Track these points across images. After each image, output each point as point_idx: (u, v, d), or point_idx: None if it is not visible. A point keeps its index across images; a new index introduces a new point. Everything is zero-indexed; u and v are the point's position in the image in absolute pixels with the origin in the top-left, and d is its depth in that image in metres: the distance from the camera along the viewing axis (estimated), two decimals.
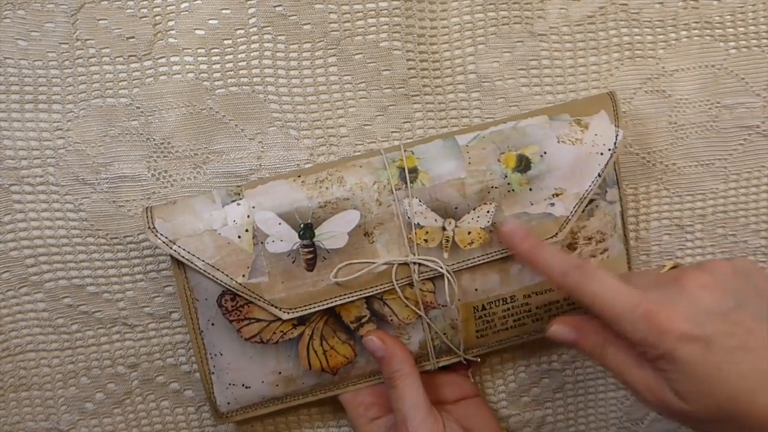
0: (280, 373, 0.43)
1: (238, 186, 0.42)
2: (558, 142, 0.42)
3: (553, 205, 0.42)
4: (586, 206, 0.43)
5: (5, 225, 0.45)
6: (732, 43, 0.46)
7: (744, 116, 0.47)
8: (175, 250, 0.40)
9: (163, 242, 0.40)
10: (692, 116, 0.47)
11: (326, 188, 0.41)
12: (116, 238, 0.45)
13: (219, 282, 0.41)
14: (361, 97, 0.46)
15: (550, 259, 0.37)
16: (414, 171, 0.42)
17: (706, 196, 0.48)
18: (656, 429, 0.50)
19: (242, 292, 0.41)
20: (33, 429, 0.46)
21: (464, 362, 0.45)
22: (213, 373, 0.42)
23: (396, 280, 0.41)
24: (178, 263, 0.41)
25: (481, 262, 0.42)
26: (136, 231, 0.45)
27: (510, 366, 0.48)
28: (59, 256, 0.45)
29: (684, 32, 0.46)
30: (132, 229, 0.45)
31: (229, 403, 0.43)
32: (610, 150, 0.42)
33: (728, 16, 0.46)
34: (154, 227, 0.40)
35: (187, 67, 0.44)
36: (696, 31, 0.46)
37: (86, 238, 0.45)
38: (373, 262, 0.41)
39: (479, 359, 0.45)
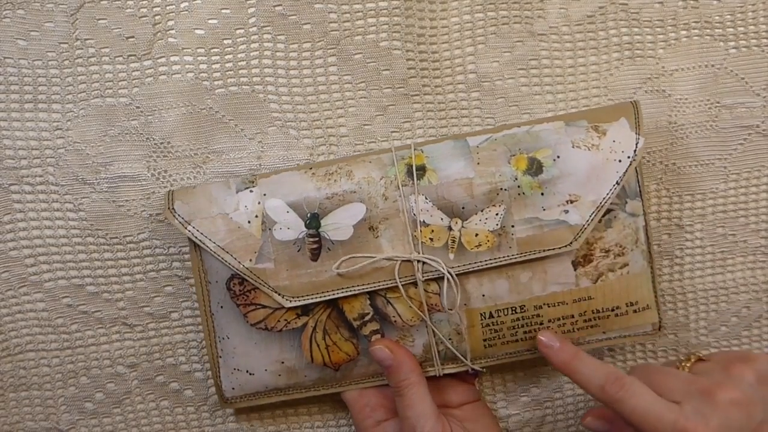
0: (282, 362, 0.43)
1: (254, 175, 0.43)
2: (572, 146, 0.41)
3: (567, 212, 0.41)
4: (604, 216, 0.41)
5: (5, 225, 0.45)
6: (732, 43, 0.46)
7: (744, 116, 0.47)
8: (189, 231, 0.42)
9: (180, 222, 0.42)
10: (692, 116, 0.47)
11: (335, 180, 0.42)
12: (116, 238, 0.45)
13: (228, 264, 0.41)
14: (361, 97, 0.45)
15: (587, 371, 0.39)
16: (422, 168, 0.42)
17: (705, 196, 0.48)
18: None
19: (248, 277, 0.42)
20: (33, 429, 0.46)
21: (471, 372, 0.44)
22: (220, 356, 0.43)
23: (399, 278, 0.41)
24: (195, 246, 0.42)
25: (488, 266, 0.41)
26: (135, 231, 0.45)
27: (509, 366, 0.48)
28: (59, 256, 0.45)
29: (684, 32, 0.46)
30: (132, 229, 0.45)
31: (233, 388, 0.44)
32: (629, 157, 0.41)
33: (728, 16, 0.46)
34: (173, 208, 0.42)
35: (187, 66, 0.44)
36: (696, 31, 0.46)
37: (86, 238, 0.45)
38: (375, 257, 0.41)
39: (485, 370, 0.44)
